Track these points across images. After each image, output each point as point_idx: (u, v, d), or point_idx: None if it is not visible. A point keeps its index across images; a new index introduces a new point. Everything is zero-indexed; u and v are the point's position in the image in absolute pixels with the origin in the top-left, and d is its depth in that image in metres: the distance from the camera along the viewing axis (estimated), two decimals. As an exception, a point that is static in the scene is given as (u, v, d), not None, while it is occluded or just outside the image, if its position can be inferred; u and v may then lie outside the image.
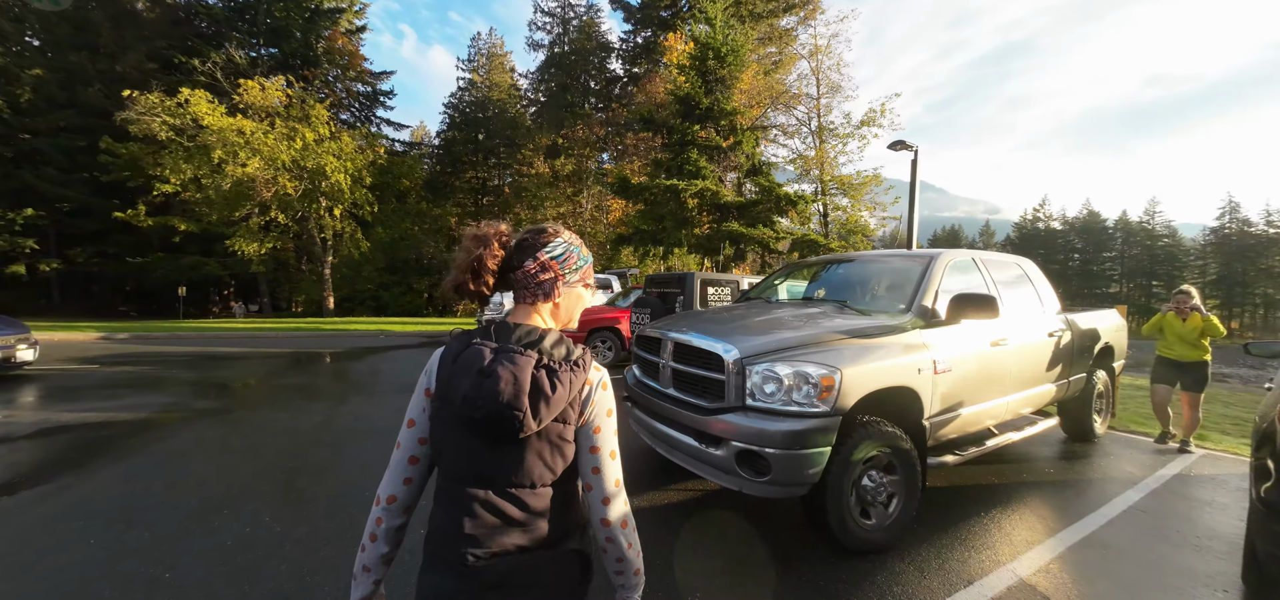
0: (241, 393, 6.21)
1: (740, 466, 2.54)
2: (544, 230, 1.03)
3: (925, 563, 2.61)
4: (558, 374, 0.89)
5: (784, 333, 2.85)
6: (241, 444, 4.23)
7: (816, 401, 2.49)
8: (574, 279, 1.04)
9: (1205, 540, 2.95)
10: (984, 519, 3.12)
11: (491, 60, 36.52)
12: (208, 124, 18.17)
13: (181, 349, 10.48)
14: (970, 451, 3.35)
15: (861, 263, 4.18)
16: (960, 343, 3.20)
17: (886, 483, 2.75)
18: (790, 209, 15.41)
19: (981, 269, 3.85)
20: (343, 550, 2.57)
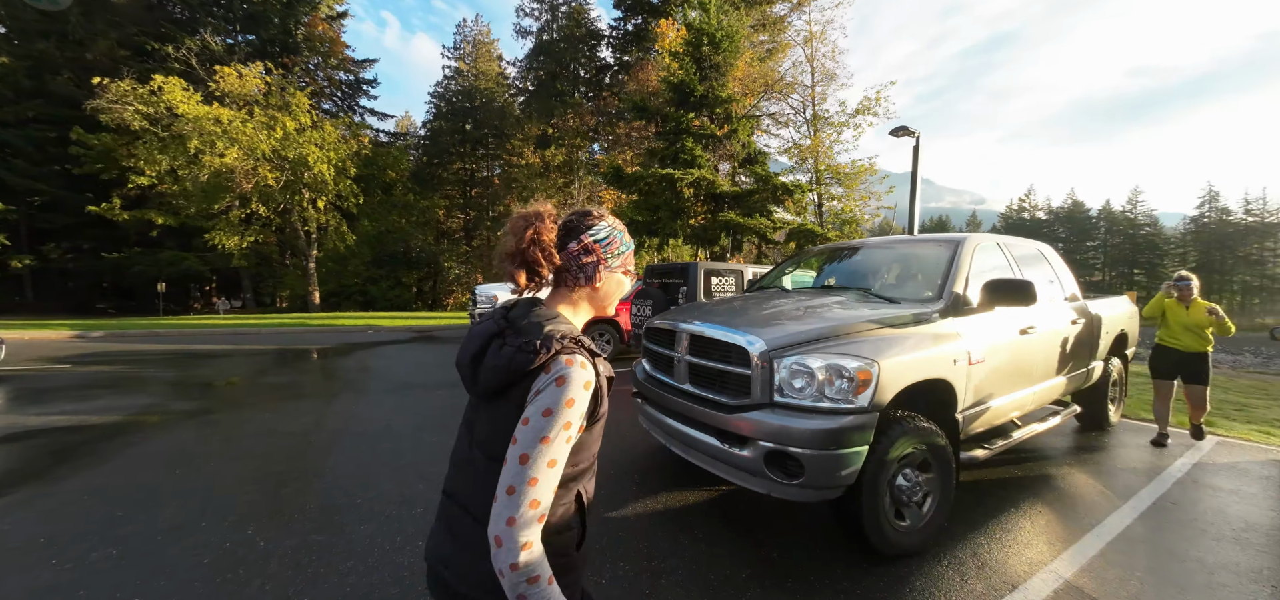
0: (224, 392, 5.90)
1: (769, 468, 2.36)
2: (589, 213, 1.02)
3: (963, 565, 2.46)
4: (505, 346, 0.88)
5: (810, 323, 2.66)
6: (223, 449, 3.96)
7: (853, 397, 2.31)
8: (616, 265, 1.02)
9: (1242, 532, 2.84)
10: (1015, 516, 2.98)
11: (478, 48, 35.72)
12: (183, 112, 17.47)
13: (160, 347, 10.04)
14: (998, 445, 3.20)
15: (880, 248, 4.01)
16: (993, 332, 3.04)
17: (921, 481, 2.59)
18: (787, 199, 15.25)
19: (1006, 252, 3.70)
20: (334, 566, 2.35)
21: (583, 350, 0.89)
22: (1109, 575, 2.40)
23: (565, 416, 0.82)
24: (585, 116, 26.47)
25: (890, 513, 2.49)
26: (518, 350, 0.86)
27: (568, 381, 0.84)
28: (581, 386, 0.85)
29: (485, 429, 0.91)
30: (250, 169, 18.69)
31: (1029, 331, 3.36)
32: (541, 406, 0.82)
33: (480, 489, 0.87)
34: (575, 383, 0.84)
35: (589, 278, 0.98)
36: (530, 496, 0.79)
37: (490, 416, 0.90)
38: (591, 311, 1.02)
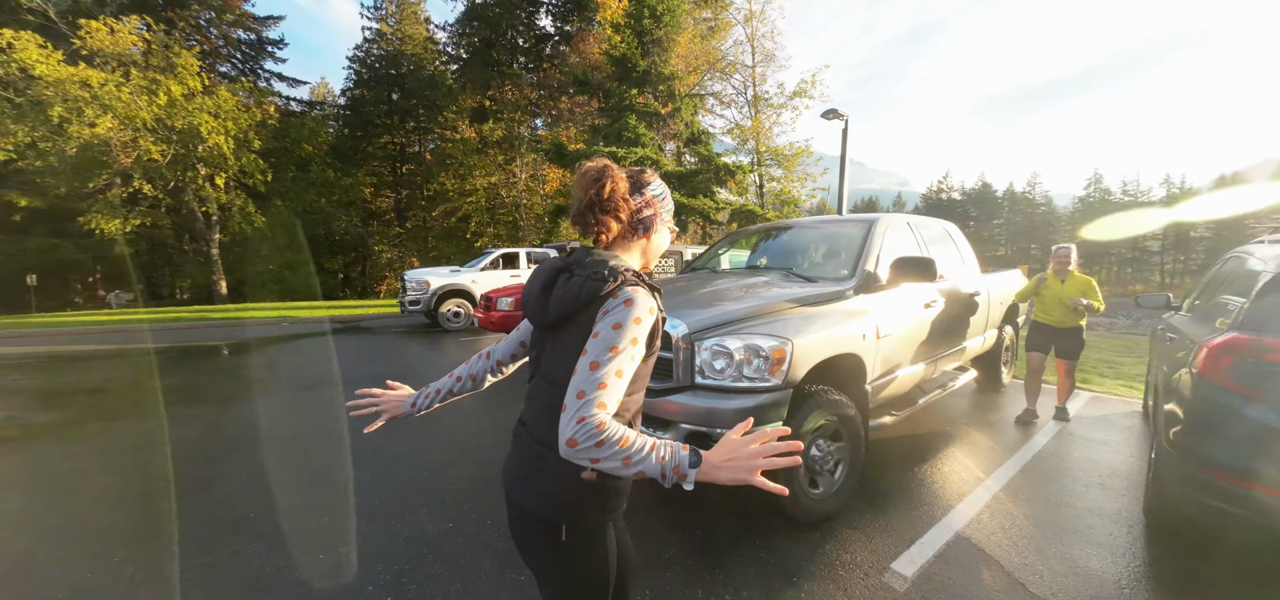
0: (99, 401, 5.15)
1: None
2: (644, 171, 1.11)
3: (870, 526, 2.63)
4: (575, 277, 0.96)
5: (731, 304, 2.68)
6: (92, 466, 3.44)
7: (768, 375, 2.36)
8: (667, 218, 1.12)
9: (1108, 478, 3.24)
10: (917, 475, 3.23)
11: (403, 9, 32.95)
12: (41, 74, 14.80)
13: (24, 350, 8.62)
14: (905, 411, 3.44)
15: (805, 229, 4.13)
16: (899, 307, 3.23)
17: (833, 450, 2.72)
18: (730, 179, 15.51)
19: (915, 232, 3.93)
20: (217, 593, 2.10)
21: (645, 284, 0.99)
22: (994, 525, 2.65)
23: (633, 332, 0.91)
24: (525, 89, 25.28)
25: (805, 482, 2.59)
26: (588, 278, 0.95)
27: (635, 303, 0.93)
28: (646, 309, 0.94)
29: (550, 357, 1.00)
30: (129, 141, 16.26)
31: (933, 305, 3.61)
32: (612, 321, 0.91)
33: (543, 413, 0.98)
34: (641, 304, 0.93)
35: (647, 229, 1.08)
36: (599, 398, 0.85)
37: (555, 345, 1.00)
38: (642, 262, 1.11)
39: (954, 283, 4.06)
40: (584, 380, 0.86)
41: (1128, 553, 2.41)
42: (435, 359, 7.31)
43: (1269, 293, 2.11)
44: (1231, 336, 2.05)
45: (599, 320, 0.92)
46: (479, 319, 8.23)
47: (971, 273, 4.47)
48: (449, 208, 22.76)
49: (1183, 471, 2.12)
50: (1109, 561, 2.33)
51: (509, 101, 24.55)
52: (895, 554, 2.37)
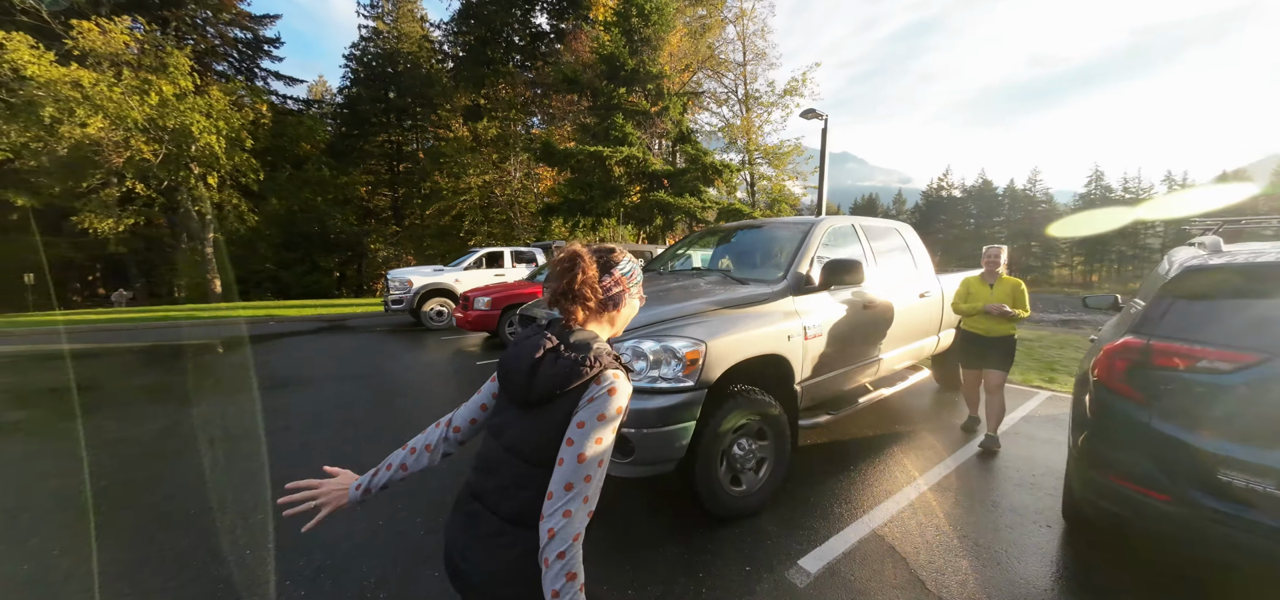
0: (62, 399, 5.22)
1: (605, 448, 2.42)
2: (613, 251, 1.16)
3: (792, 521, 2.68)
4: (562, 358, 0.99)
5: (657, 306, 2.73)
6: (46, 464, 3.51)
7: (682, 376, 2.41)
8: (634, 292, 1.18)
9: (1039, 477, 3.28)
10: (851, 473, 3.27)
11: (399, 7, 32.96)
12: (32, 75, 14.91)
13: (8, 349, 8.72)
14: (845, 410, 3.49)
15: (751, 231, 4.17)
16: (831, 308, 3.26)
17: (756, 449, 2.76)
18: (717, 178, 15.53)
19: (860, 236, 3.96)
20: (141, 588, 2.16)
21: (621, 366, 1.02)
22: (913, 524, 2.69)
23: (615, 422, 0.95)
24: (519, 87, 25.30)
25: (726, 479, 2.64)
26: (574, 364, 0.97)
27: (618, 392, 0.97)
28: (626, 397, 0.99)
29: (522, 434, 1.00)
30: (121, 141, 16.37)
31: (873, 306, 3.64)
32: (596, 411, 0.94)
33: (511, 489, 0.98)
34: (622, 393, 0.98)
35: (616, 304, 1.14)
36: (585, 492, 0.90)
37: (531, 423, 0.99)
38: (612, 331, 1.17)
39: (899, 284, 4.09)
40: (572, 473, 0.90)
41: (1037, 553, 2.45)
42: (413, 357, 7.38)
43: (1165, 295, 2.14)
44: (1124, 340, 2.09)
45: (582, 408, 0.94)
46: (457, 318, 8.29)
47: (925, 273, 4.50)
48: (443, 206, 22.83)
49: (1084, 475, 2.16)
50: (1016, 561, 2.38)
51: (503, 99, 24.59)
52: (805, 550, 2.42)
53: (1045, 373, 6.14)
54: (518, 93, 25.05)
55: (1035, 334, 9.44)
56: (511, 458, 1.00)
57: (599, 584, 2.18)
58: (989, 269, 3.80)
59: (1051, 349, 7.85)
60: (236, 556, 2.38)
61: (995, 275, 3.77)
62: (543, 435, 0.97)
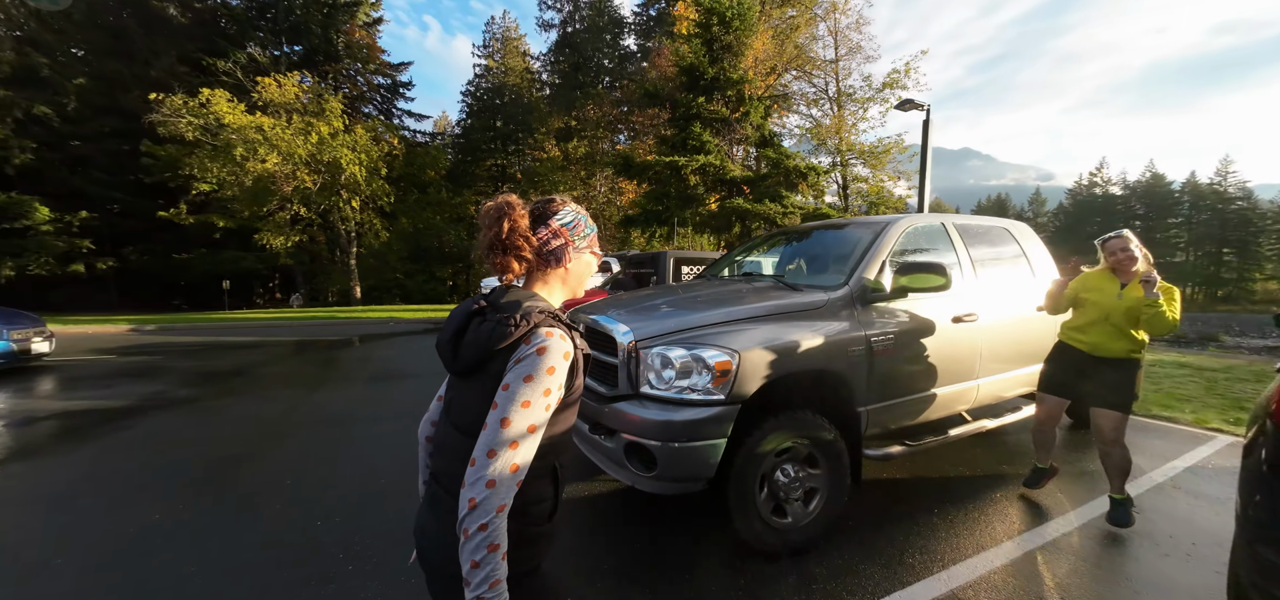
0: (223, 381, 6.40)
1: (629, 460, 2.30)
2: (553, 200, 1.08)
3: (846, 566, 2.32)
4: (487, 320, 0.93)
5: (694, 313, 2.56)
6: (194, 433, 4.30)
7: (712, 388, 2.21)
8: (583, 245, 1.08)
9: (1200, 548, 2.50)
10: (932, 517, 2.77)
11: (506, 44, 36.36)
12: (228, 122, 18.90)
13: (196, 340, 11.01)
14: (927, 441, 2.98)
15: (818, 233, 3.79)
16: (908, 320, 2.82)
17: (804, 477, 2.45)
18: (802, 182, 14.66)
19: (953, 237, 3.39)
20: (226, 545, 2.50)
21: (561, 324, 0.95)
22: (1008, 588, 2.18)
23: (545, 383, 0.87)
24: (606, 107, 26.41)
25: (766, 508, 2.37)
26: (497, 324, 0.91)
27: (548, 351, 0.89)
28: (561, 356, 0.90)
29: (463, 406, 0.96)
30: (289, 173, 20.04)
31: (969, 318, 3.08)
32: (522, 373, 0.87)
33: (457, 464, 0.89)
34: (555, 352, 0.89)
35: (558, 259, 1.04)
36: (511, 459, 0.84)
37: (467, 393, 0.95)
38: (565, 293, 1.09)
39: (1010, 293, 3.43)
40: (494, 437, 0.84)
41: (1191, 650, 1.83)
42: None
43: None
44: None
45: (510, 369, 0.88)
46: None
47: (1046, 282, 3.73)
48: (535, 221, 24.51)
49: (1250, 553, 1.57)
50: (1155, 656, 1.80)
51: (591, 119, 25.82)
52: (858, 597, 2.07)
53: (1229, 412, 4.74)
54: (605, 112, 26.14)
55: (1222, 364, 7.38)
56: (456, 433, 0.95)
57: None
58: (1120, 263, 2.64)
59: (1242, 382, 6.06)
60: (325, 524, 2.66)
61: (1130, 272, 2.63)
62: (477, 404, 0.90)
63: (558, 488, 1.00)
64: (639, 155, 18.70)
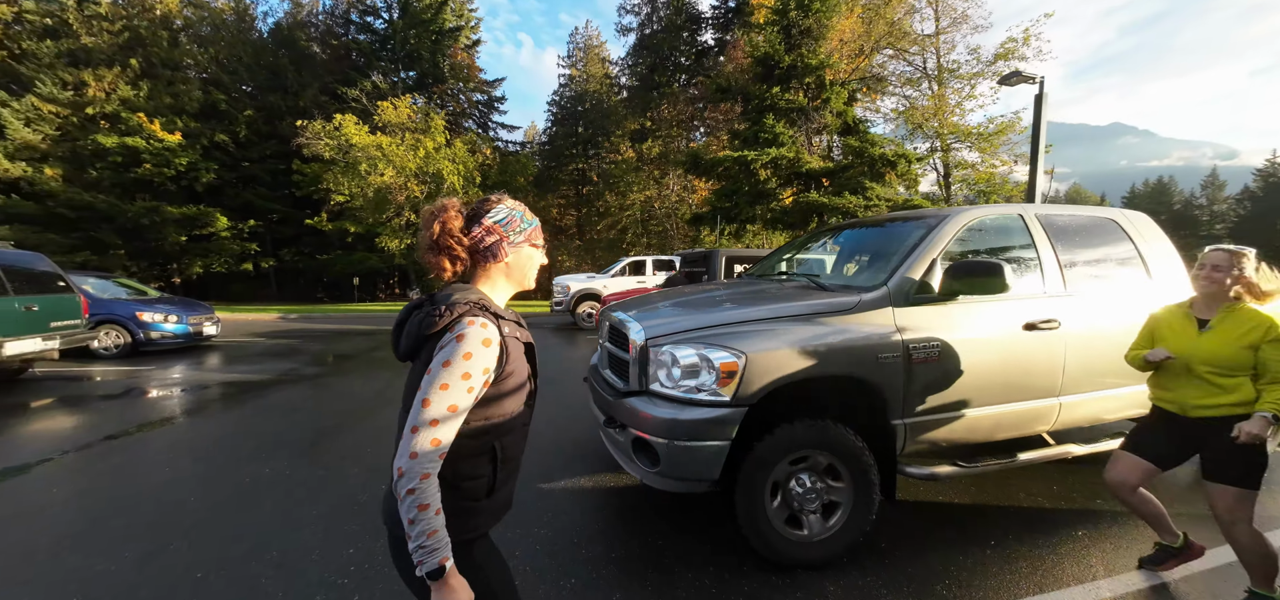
0: (340, 363, 7.51)
1: (636, 455, 2.36)
2: (488, 200, 1.15)
3: (866, 590, 2.15)
4: (419, 312, 1.04)
5: (711, 312, 2.53)
6: (314, 403, 5.13)
7: (718, 389, 2.18)
8: (520, 240, 1.13)
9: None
10: (984, 550, 2.45)
11: (588, 52, 37.83)
12: (355, 143, 21.94)
13: (327, 327, 12.98)
14: (989, 464, 2.64)
15: (872, 229, 3.49)
16: (961, 325, 2.51)
17: (823, 489, 2.31)
18: (889, 170, 13.40)
19: (1035, 232, 2.94)
20: (314, 494, 2.99)
21: (485, 313, 1.01)
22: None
23: (463, 367, 0.94)
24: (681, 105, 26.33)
25: (778, 517, 2.28)
26: (426, 315, 1.00)
27: (465, 338, 0.96)
28: (479, 342, 0.97)
29: (407, 388, 1.03)
30: (402, 184, 22.77)
31: (1047, 326, 2.67)
32: (442, 358, 0.95)
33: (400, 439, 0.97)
34: (472, 339, 0.96)
35: (494, 255, 1.10)
36: (430, 435, 0.92)
37: (411, 380, 1.03)
38: (511, 286, 1.16)
39: (1111, 298, 2.90)
40: (416, 415, 0.92)
41: None
42: (561, 351, 8.34)
43: None
44: None
45: (434, 356, 0.96)
46: (595, 318, 9.06)
47: (1165, 286, 3.08)
48: (611, 221, 25.21)
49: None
50: None
51: (665, 118, 25.92)
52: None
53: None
54: (679, 110, 26.09)
55: None
56: (402, 412, 1.01)
57: (613, 592, 2.13)
58: (1208, 290, 1.97)
59: None
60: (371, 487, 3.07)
61: (1219, 301, 1.97)
62: (413, 386, 1.00)
63: (496, 467, 1.06)
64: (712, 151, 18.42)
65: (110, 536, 2.57)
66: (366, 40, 30.58)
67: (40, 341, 5.83)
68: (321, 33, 32.72)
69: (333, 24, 32.97)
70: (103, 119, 21.95)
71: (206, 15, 27.52)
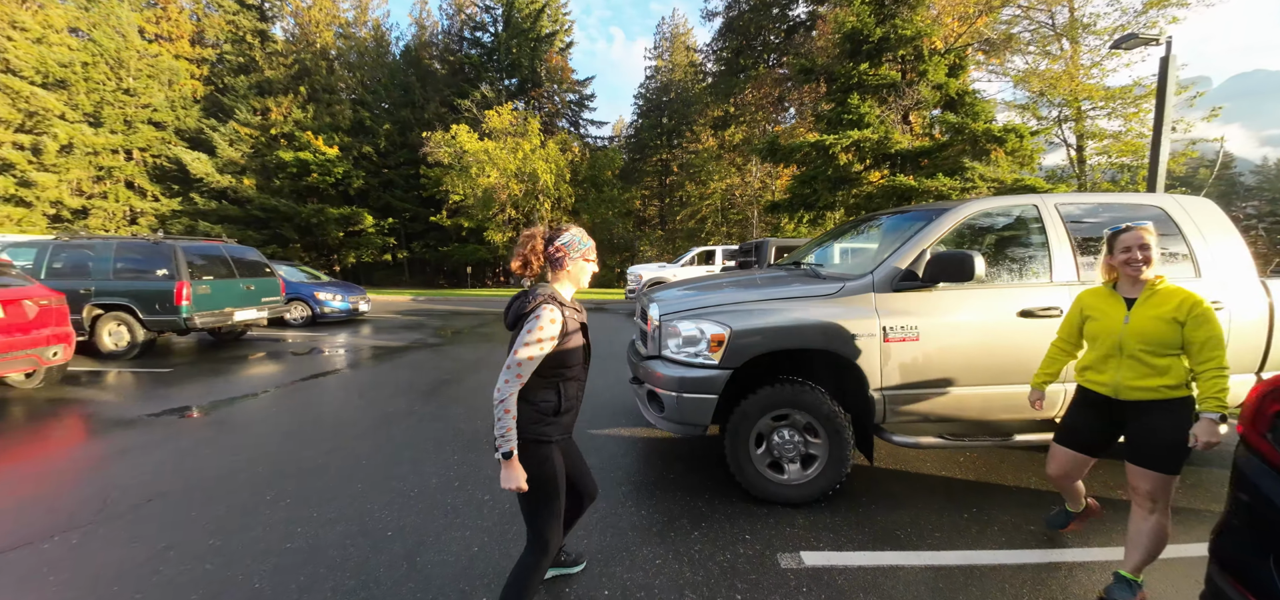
0: (453, 335, 9.16)
1: (649, 404, 3.03)
2: (560, 228, 1.74)
3: (828, 524, 2.61)
4: (519, 299, 1.66)
5: (715, 295, 3.09)
6: (431, 364, 6.56)
7: (708, 355, 2.77)
8: (577, 255, 1.72)
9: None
10: (968, 517, 2.73)
11: (675, 41, 38.17)
12: (467, 149, 24.96)
13: (446, 307, 15.37)
14: (980, 441, 2.89)
15: (889, 219, 3.71)
16: (947, 311, 2.79)
17: (801, 443, 2.79)
18: (996, 147, 12.08)
19: (1053, 221, 3.01)
20: (430, 423, 4.13)
21: (554, 303, 1.59)
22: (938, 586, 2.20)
23: (538, 334, 1.53)
24: (766, 86, 25.62)
25: (762, 462, 2.82)
26: (523, 300, 1.62)
27: (538, 316, 1.55)
28: (548, 320, 1.55)
29: (508, 346, 1.59)
30: (503, 184, 25.45)
31: (1044, 314, 2.81)
32: (527, 327, 1.56)
33: None
34: (544, 317, 1.55)
35: (561, 265, 1.70)
36: (516, 372, 1.53)
37: (511, 340, 1.60)
38: (572, 285, 1.73)
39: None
40: (508, 363, 1.53)
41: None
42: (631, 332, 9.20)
43: None
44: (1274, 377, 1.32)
45: (524, 325, 1.55)
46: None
47: (1216, 278, 2.95)
48: (691, 211, 25.58)
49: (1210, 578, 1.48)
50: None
51: (749, 103, 25.47)
52: (815, 547, 2.40)
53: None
54: (764, 93, 25.42)
55: None
56: None
57: (627, 503, 2.85)
58: (1127, 263, 1.98)
59: None
60: (470, 422, 4.12)
61: (1139, 273, 1.96)
62: (512, 344, 1.60)
63: (559, 398, 1.65)
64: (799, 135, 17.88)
65: (304, 439, 3.90)
66: (476, 54, 34.15)
67: (255, 312, 8.09)
68: (441, 51, 37.17)
69: (449, 42, 37.28)
70: (282, 138, 27.66)
71: (353, 44, 32.84)
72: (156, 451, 3.61)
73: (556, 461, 1.68)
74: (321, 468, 3.31)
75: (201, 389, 5.39)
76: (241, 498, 2.89)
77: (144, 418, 4.36)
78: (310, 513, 2.72)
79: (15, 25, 21.57)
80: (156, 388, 5.44)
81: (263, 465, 3.36)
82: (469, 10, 35.85)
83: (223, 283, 7.55)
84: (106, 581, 2.13)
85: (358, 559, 2.30)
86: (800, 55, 17.10)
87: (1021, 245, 3.03)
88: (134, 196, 26.95)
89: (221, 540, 2.45)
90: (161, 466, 3.34)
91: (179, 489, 3.01)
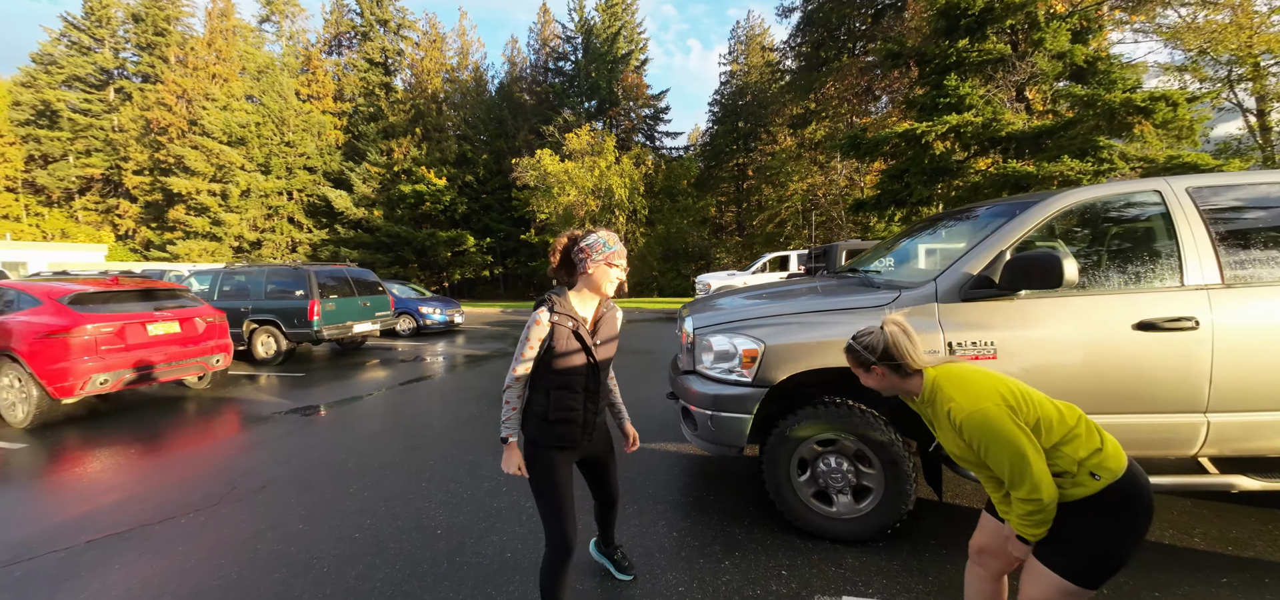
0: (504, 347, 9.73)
1: (684, 421, 2.95)
2: (592, 231, 1.78)
3: (885, 569, 2.32)
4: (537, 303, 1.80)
5: (754, 306, 2.93)
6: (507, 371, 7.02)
7: (741, 371, 2.63)
8: (599, 259, 1.71)
9: None
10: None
11: (750, 44, 37.27)
12: (551, 171, 26.56)
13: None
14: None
15: (960, 219, 3.25)
16: (1034, 322, 2.36)
17: (853, 472, 2.52)
18: (1141, 120, 9.98)
19: (1183, 211, 2.42)
20: (484, 438, 4.42)
21: (543, 307, 1.69)
22: None
23: (528, 336, 1.69)
24: (851, 77, 23.80)
25: (805, 490, 2.60)
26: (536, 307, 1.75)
27: (531, 321, 1.70)
28: (536, 324, 1.67)
29: None
30: (581, 201, 26.64)
31: (1171, 326, 2.26)
32: (525, 328, 1.71)
33: None
34: (530, 322, 1.69)
35: (582, 268, 1.73)
36: (514, 368, 1.72)
37: None
38: (591, 292, 1.75)
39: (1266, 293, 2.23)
40: (514, 353, 1.74)
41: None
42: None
43: None
44: None
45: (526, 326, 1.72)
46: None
47: None
48: (769, 214, 24.61)
49: None
50: None
51: (830, 97, 23.93)
52: (864, 593, 2.15)
53: None
54: (848, 84, 23.72)
55: None
56: None
57: (658, 523, 2.79)
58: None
59: None
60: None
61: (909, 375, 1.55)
62: None
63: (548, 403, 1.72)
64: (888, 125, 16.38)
65: (404, 431, 4.42)
66: (559, 82, 36.37)
67: (370, 325, 9.30)
68: (529, 83, 40.11)
69: (536, 74, 40.12)
70: (402, 173, 31.71)
71: (457, 86, 36.74)
72: (280, 443, 4.30)
73: (552, 466, 1.72)
74: (397, 465, 3.70)
75: (324, 391, 6.31)
76: (331, 489, 3.32)
77: (277, 415, 5.22)
78: (380, 506, 3.04)
79: (208, 97, 27.55)
80: (292, 389, 6.48)
81: (353, 460, 3.84)
82: (553, 43, 38.39)
83: (345, 300, 8.82)
84: (217, 553, 2.58)
85: (409, 553, 2.52)
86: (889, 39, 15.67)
87: (1139, 242, 2.48)
88: (294, 229, 32.75)
89: (308, 526, 2.84)
90: (279, 457, 3.97)
91: (287, 477, 3.55)
